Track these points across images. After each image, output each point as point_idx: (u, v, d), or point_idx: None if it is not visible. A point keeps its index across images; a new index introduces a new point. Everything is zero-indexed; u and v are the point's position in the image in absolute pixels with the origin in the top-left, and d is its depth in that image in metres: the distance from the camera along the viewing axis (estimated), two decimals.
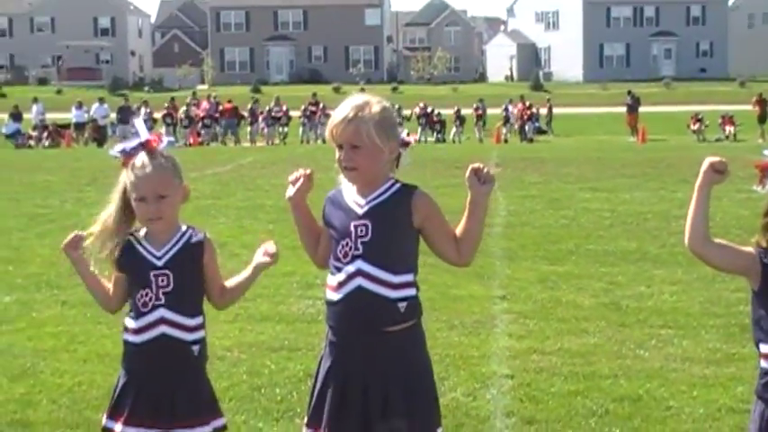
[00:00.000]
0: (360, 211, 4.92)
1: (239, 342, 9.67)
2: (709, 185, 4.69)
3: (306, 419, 5.03)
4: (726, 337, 9.63)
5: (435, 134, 54.52)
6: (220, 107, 53.33)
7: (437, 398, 5.02)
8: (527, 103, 56.61)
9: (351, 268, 4.88)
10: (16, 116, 53.09)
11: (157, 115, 53.13)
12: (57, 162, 34.06)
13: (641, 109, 55.09)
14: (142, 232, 5.05)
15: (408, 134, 5.22)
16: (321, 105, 52.18)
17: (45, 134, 51.91)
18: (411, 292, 4.93)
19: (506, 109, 56.20)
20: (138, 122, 5.25)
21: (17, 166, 32.84)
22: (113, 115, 54.49)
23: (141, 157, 4.99)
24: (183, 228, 5.09)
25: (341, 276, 4.91)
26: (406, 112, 55.06)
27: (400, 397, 4.84)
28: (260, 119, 52.92)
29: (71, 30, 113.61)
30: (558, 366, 8.81)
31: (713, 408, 7.64)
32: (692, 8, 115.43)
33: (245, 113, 53.20)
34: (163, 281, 4.98)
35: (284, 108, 53.09)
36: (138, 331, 5.01)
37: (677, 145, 43.56)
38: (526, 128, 54.53)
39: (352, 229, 4.90)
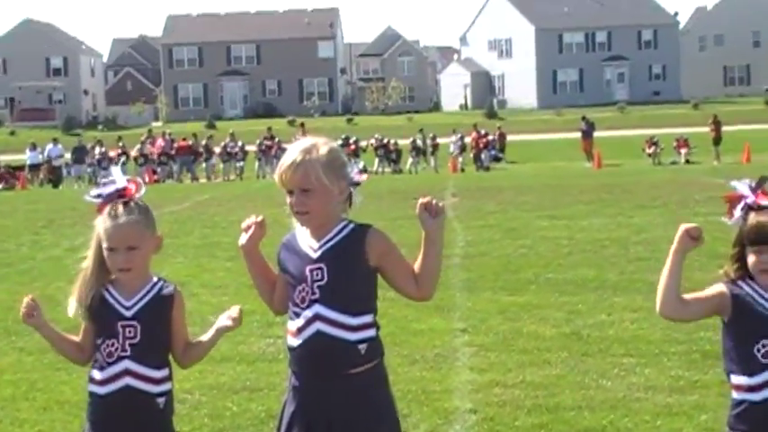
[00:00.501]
0: (314, 255, 4.89)
1: (200, 384, 9.58)
2: (683, 252, 4.73)
3: None
4: (688, 364, 9.63)
5: (392, 165, 54.60)
6: (175, 144, 53.22)
7: None
8: (482, 132, 56.73)
9: (309, 313, 4.85)
10: None
11: (112, 154, 52.96)
12: (11, 205, 33.79)
13: (596, 134, 55.40)
14: (113, 279, 5.00)
15: (361, 171, 5.19)
16: (276, 140, 52.24)
17: None
18: (371, 333, 4.89)
19: (461, 138, 56.34)
20: (116, 170, 5.19)
21: None
22: (68, 155, 54.26)
23: (114, 206, 4.93)
24: (155, 279, 5.03)
25: (299, 322, 4.87)
26: (363, 144, 55.17)
27: None
28: (215, 155, 52.85)
29: (23, 70, 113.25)
30: (522, 399, 8.77)
31: None
32: (644, 32, 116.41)
33: (201, 150, 53.10)
34: (130, 332, 4.91)
35: (239, 144, 53.03)
36: (102, 382, 4.94)
37: (633, 169, 43.79)
38: (482, 156, 54.65)
39: (308, 273, 4.87)
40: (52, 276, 15.96)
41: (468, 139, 56.38)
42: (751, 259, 4.72)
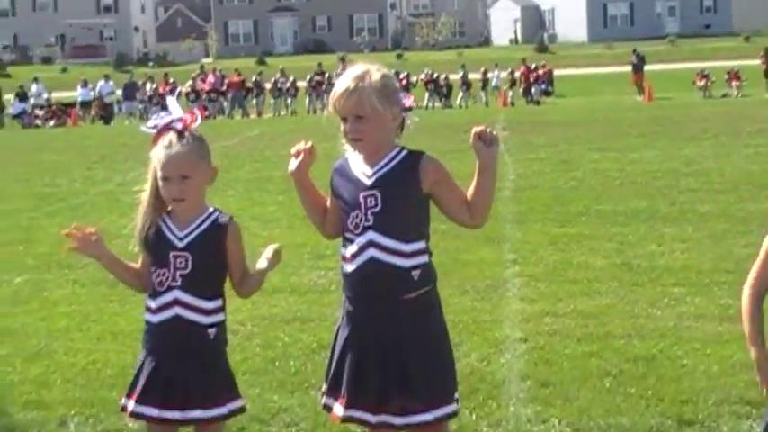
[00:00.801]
0: (368, 182, 4.91)
1: (252, 315, 9.67)
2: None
3: (324, 389, 5.04)
4: (738, 293, 9.44)
5: (442, 100, 54.39)
6: (226, 81, 53.23)
7: (454, 363, 5.03)
8: (531, 66, 56.33)
9: (362, 240, 4.88)
10: (22, 96, 53.14)
11: (162, 90, 53.06)
12: (64, 141, 34.05)
13: (647, 67, 54.87)
14: (170, 210, 5.05)
15: (409, 97, 5.21)
16: (327, 75, 52.14)
17: (50, 114, 51.85)
18: (424, 259, 4.92)
19: (511, 72, 56.02)
20: (171, 101, 5.24)
21: (24, 146, 32.84)
22: (119, 92, 54.45)
23: (169, 137, 4.96)
24: (210, 210, 5.06)
25: (353, 248, 4.91)
26: (413, 79, 54.98)
27: (417, 364, 4.85)
28: (265, 91, 52.84)
29: (74, 8, 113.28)
30: (572, 328, 8.80)
31: (727, 364, 7.63)
32: None
33: (252, 86, 53.07)
34: (181, 262, 4.97)
35: (291, 79, 52.94)
36: (155, 311, 5.01)
37: (684, 103, 43.41)
38: (532, 90, 54.35)
39: (362, 200, 4.89)
40: (105, 211, 16.13)
41: (516, 74, 56.00)
42: None
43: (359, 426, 5.15)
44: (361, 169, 4.96)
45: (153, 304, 5.02)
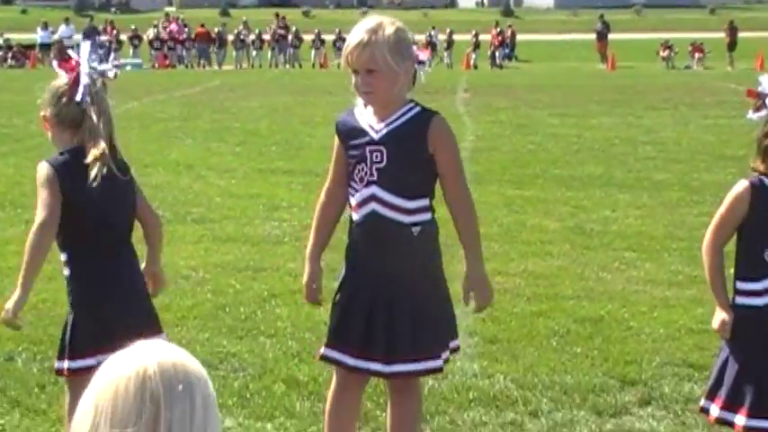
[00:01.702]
0: (376, 136, 4.89)
1: (204, 262, 9.67)
2: None
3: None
4: (688, 259, 9.68)
5: None
6: (193, 31, 52.87)
7: (449, 321, 5.12)
8: (498, 29, 56.28)
9: (366, 192, 4.89)
10: None
11: (123, 37, 52.80)
12: (22, 83, 33.68)
13: (611, 36, 54.98)
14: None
15: (423, 50, 5.19)
16: (294, 29, 52.01)
17: (9, 54, 51.38)
18: (426, 216, 4.95)
19: (476, 35, 55.92)
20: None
21: None
22: (78, 36, 53.96)
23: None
24: None
25: (358, 198, 4.92)
26: None
27: (406, 315, 4.88)
28: (228, 44, 52.57)
29: None
30: (522, 288, 8.87)
31: (673, 328, 7.72)
32: None
33: (214, 37, 52.77)
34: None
35: (257, 31, 52.66)
36: None
37: (646, 72, 43.58)
38: (497, 54, 54.33)
39: (368, 154, 4.88)
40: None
41: (488, 37, 55.91)
42: None
43: (335, 365, 5.09)
44: (369, 122, 4.93)
45: None
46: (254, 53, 52.29)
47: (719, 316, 4.82)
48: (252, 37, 52.57)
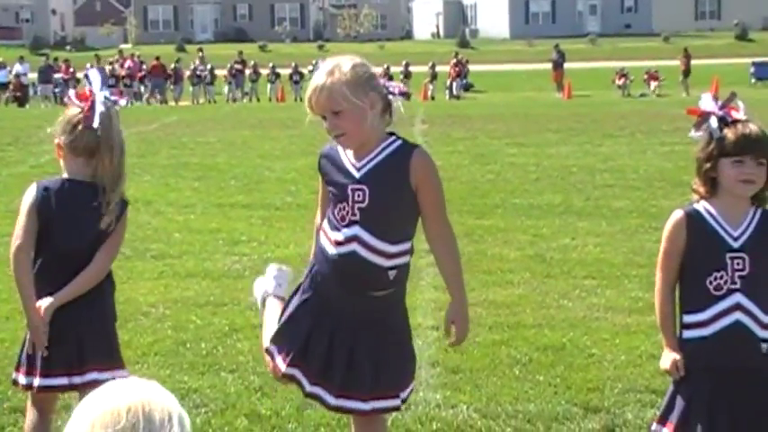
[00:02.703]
0: (357, 174, 4.84)
1: (164, 298, 9.63)
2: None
3: (271, 336, 5.01)
4: (648, 286, 9.64)
5: None
6: (144, 66, 52.77)
7: (409, 361, 5.06)
8: (456, 60, 56.42)
9: (348, 232, 4.82)
10: None
11: (80, 75, 52.53)
12: None
13: (567, 65, 55.26)
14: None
15: (399, 84, 5.16)
16: (252, 63, 52.05)
17: None
18: (404, 259, 4.91)
19: (432, 66, 56.11)
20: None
21: None
22: (34, 75, 53.77)
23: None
24: None
25: (339, 236, 4.85)
26: None
27: (367, 354, 4.84)
28: (183, 79, 52.46)
29: None
30: (483, 317, 8.87)
31: (634, 354, 7.75)
32: None
33: (170, 72, 52.65)
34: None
35: (209, 66, 52.62)
36: None
37: (602, 100, 43.79)
38: (454, 85, 54.50)
39: (350, 192, 4.82)
40: (16, 192, 15.87)
41: (446, 68, 56.05)
42: (731, 171, 4.68)
43: (296, 385, 5.04)
44: (350, 160, 4.87)
45: None
46: (209, 88, 52.19)
47: (669, 356, 4.77)
48: (206, 71, 52.47)
